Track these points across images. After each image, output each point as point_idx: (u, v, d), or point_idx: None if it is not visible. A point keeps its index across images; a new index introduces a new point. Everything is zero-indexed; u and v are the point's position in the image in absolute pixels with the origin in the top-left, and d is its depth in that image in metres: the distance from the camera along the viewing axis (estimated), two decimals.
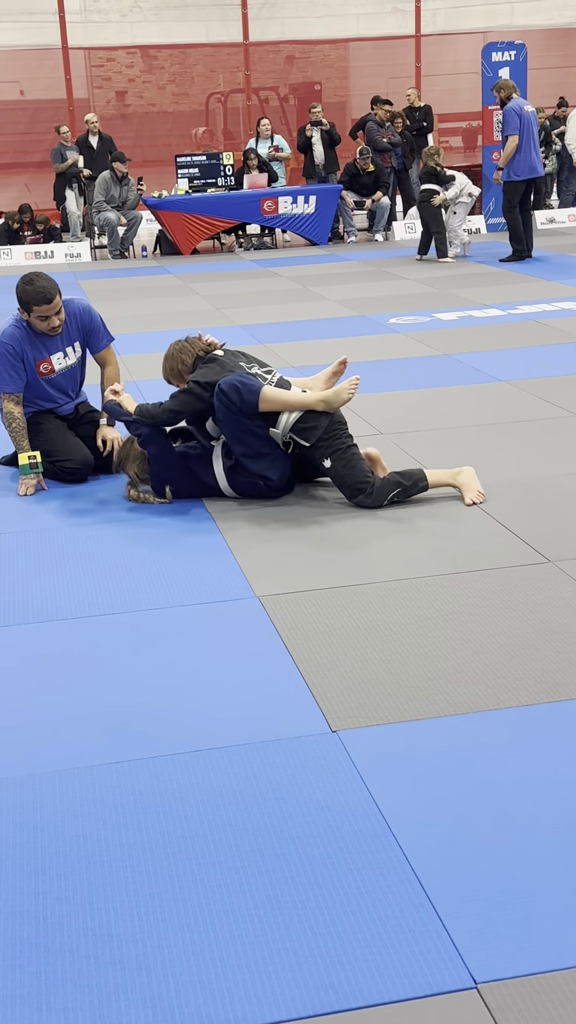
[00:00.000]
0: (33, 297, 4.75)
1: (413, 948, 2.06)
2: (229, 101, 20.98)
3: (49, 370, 4.97)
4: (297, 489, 4.65)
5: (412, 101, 15.28)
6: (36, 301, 4.75)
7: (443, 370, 6.79)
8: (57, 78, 18.05)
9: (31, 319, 4.83)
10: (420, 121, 15.21)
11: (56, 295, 4.79)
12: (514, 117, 11.04)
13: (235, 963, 2.04)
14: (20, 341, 4.86)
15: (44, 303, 4.76)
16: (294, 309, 9.38)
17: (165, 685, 3.09)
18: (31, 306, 4.77)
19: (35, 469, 4.82)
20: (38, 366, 4.93)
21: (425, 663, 3.14)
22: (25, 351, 4.88)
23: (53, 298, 4.77)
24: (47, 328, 4.85)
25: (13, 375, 4.86)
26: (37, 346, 4.92)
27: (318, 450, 4.35)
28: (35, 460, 4.81)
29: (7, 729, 2.89)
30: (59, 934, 2.13)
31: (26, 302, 4.77)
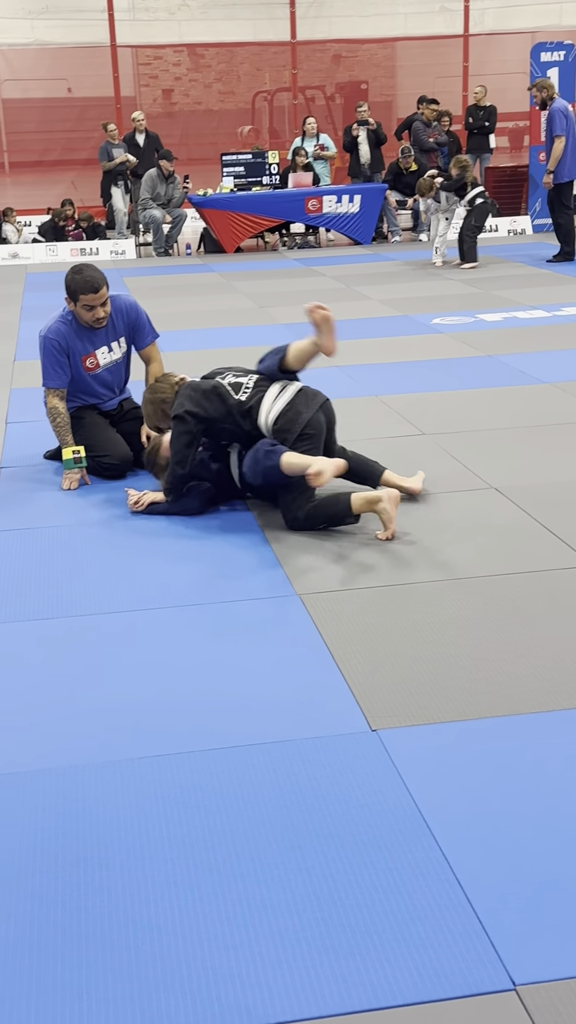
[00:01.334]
0: (81, 286, 4.80)
1: (452, 948, 2.06)
2: (275, 100, 21.00)
3: (95, 365, 5.00)
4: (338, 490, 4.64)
5: (479, 99, 15.17)
6: (83, 290, 4.79)
7: (487, 371, 6.76)
8: (104, 76, 18.15)
9: (77, 309, 4.87)
10: (483, 120, 15.13)
11: (103, 286, 4.83)
12: (560, 118, 10.95)
13: (274, 958, 2.05)
14: (66, 337, 4.90)
15: (91, 292, 4.80)
16: (337, 308, 9.32)
17: (205, 680, 3.11)
18: (78, 295, 4.81)
19: (79, 464, 4.86)
20: (84, 361, 4.97)
21: (467, 664, 3.13)
22: (71, 347, 4.92)
23: (100, 288, 4.81)
24: (92, 319, 4.88)
25: (58, 371, 4.90)
26: (83, 341, 4.95)
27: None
28: (79, 455, 4.85)
29: (50, 721, 2.92)
30: (100, 925, 2.15)
31: (73, 291, 4.82)
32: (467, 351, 7.37)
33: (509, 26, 18.80)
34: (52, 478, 5.01)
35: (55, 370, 4.90)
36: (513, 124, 20.68)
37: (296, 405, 4.27)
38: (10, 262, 13.86)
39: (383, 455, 5.08)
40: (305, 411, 4.26)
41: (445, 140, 14.43)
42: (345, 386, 6.44)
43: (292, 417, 4.23)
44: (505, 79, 19.65)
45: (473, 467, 4.88)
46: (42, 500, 4.72)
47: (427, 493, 4.56)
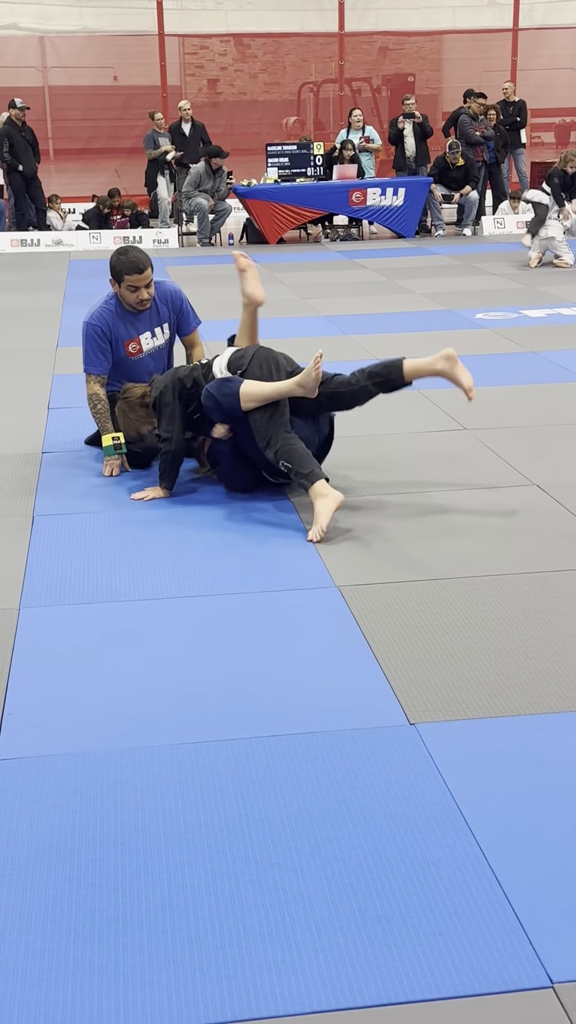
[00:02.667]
0: (126, 266, 4.82)
1: (489, 944, 2.05)
2: (321, 91, 20.94)
3: (137, 350, 5.02)
4: (379, 483, 4.63)
5: (508, 95, 15.10)
6: (128, 270, 4.81)
7: (530, 367, 6.72)
8: (151, 65, 18.17)
9: (121, 290, 4.88)
10: (514, 116, 15.03)
11: (148, 267, 4.85)
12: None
13: (310, 947, 2.05)
14: (109, 323, 4.92)
15: (136, 272, 4.81)
16: (379, 301, 9.34)
17: (244, 669, 3.11)
18: (123, 275, 4.83)
19: (119, 451, 4.88)
20: (126, 346, 4.98)
21: (506, 660, 3.12)
22: (115, 332, 4.94)
23: (145, 269, 4.83)
24: (135, 300, 4.89)
25: (100, 357, 4.92)
26: (127, 326, 4.97)
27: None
28: (119, 441, 4.87)
29: (90, 705, 2.93)
30: (137, 908, 2.16)
31: (118, 271, 4.84)
32: (510, 347, 7.32)
33: (559, 21, 18.63)
34: (93, 464, 5.04)
35: (96, 356, 4.92)
36: (560, 120, 20.51)
37: (246, 348, 4.42)
38: (54, 249, 13.93)
39: (424, 449, 5.08)
40: (255, 349, 4.40)
41: (492, 134, 14.33)
42: None
43: (242, 353, 4.39)
44: (553, 74, 19.51)
45: (515, 463, 4.85)
46: (83, 486, 4.74)
47: (469, 489, 4.54)
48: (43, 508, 4.46)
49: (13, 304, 9.84)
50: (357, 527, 4.15)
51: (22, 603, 3.58)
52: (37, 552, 3.99)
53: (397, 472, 4.73)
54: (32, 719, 2.87)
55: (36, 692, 3.01)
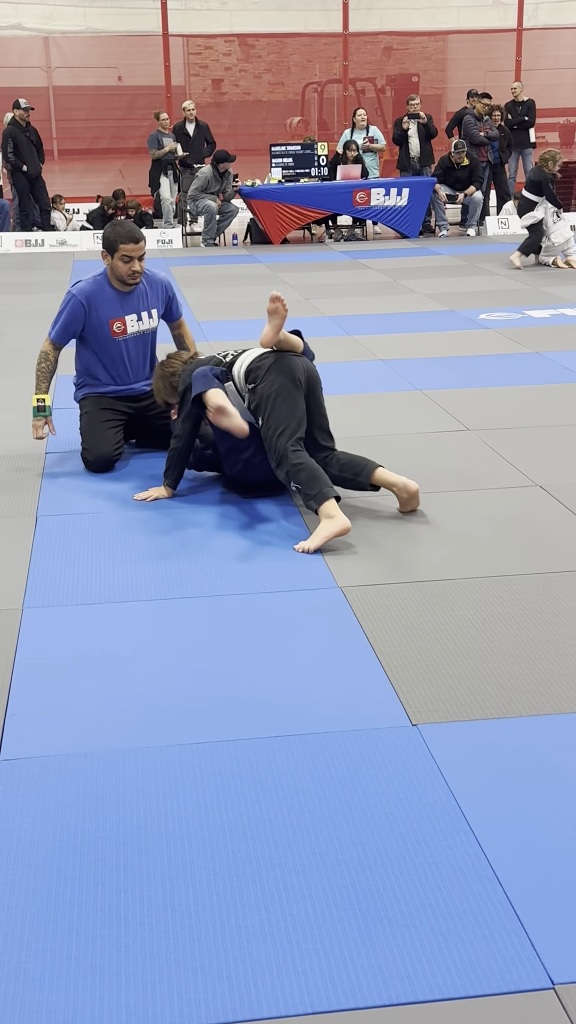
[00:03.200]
0: (121, 236, 4.82)
1: (490, 944, 2.06)
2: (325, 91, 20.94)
3: (122, 331, 4.99)
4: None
5: (516, 94, 15.08)
6: (123, 239, 4.81)
7: (533, 368, 6.72)
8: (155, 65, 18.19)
9: (114, 262, 4.87)
10: (522, 115, 15.02)
11: (143, 239, 4.89)
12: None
13: (311, 947, 2.06)
14: (90, 298, 4.90)
15: (131, 242, 4.82)
16: (383, 302, 9.35)
17: (246, 670, 3.12)
18: (118, 244, 4.82)
19: (43, 412, 4.88)
20: (111, 325, 4.96)
21: (508, 662, 3.12)
22: (97, 310, 4.91)
23: (140, 240, 4.86)
24: (128, 272, 4.88)
25: (67, 331, 4.94)
26: (113, 304, 4.95)
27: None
28: (42, 403, 4.88)
29: (92, 705, 2.94)
30: (139, 908, 2.17)
31: (113, 240, 4.83)
32: (514, 347, 7.32)
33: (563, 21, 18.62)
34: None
35: (65, 328, 4.93)
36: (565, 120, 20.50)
37: (265, 355, 4.33)
38: (58, 249, 13.94)
39: (426, 450, 5.08)
40: (272, 355, 4.30)
41: (496, 135, 14.33)
42: (389, 380, 6.43)
43: (263, 358, 4.31)
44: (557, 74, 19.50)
45: (518, 464, 4.85)
46: (86, 486, 4.75)
47: (472, 489, 4.54)
48: (46, 508, 4.46)
49: (17, 304, 9.85)
50: (359, 528, 4.15)
51: (25, 603, 3.58)
52: (40, 552, 4.00)
53: (400, 472, 4.72)
54: (35, 719, 2.88)
55: (39, 692, 3.01)
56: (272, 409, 4.19)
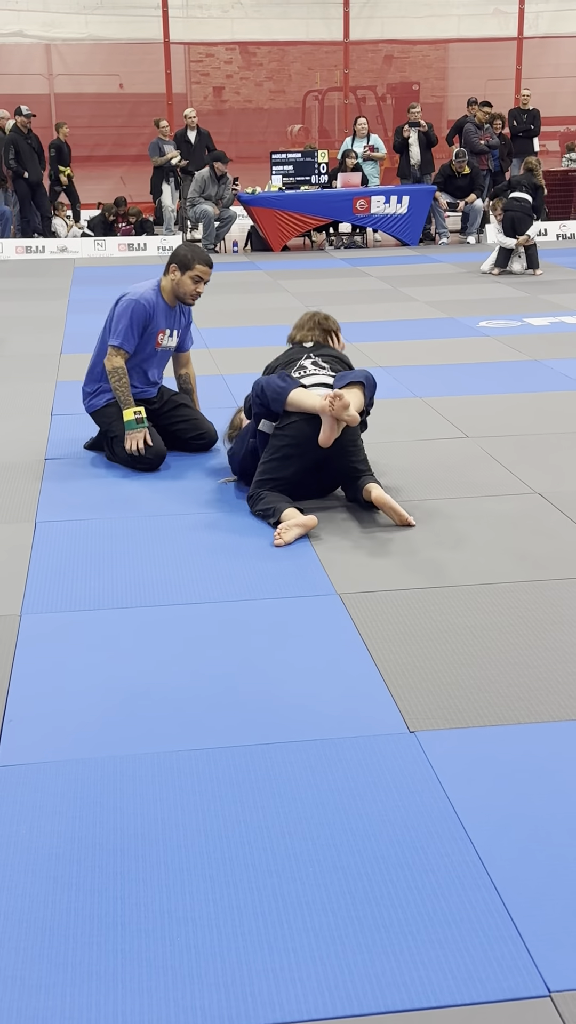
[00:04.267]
0: (200, 256, 5.00)
1: (487, 952, 2.06)
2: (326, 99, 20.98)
3: (161, 343, 5.15)
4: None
5: (525, 103, 15.10)
6: (201, 261, 5.00)
7: (533, 376, 6.73)
8: (156, 72, 18.22)
9: (182, 278, 4.99)
10: (527, 124, 15.05)
11: (214, 263, 5.08)
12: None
13: (308, 955, 2.06)
14: (154, 307, 5.02)
15: (207, 265, 5.02)
16: (383, 309, 9.36)
17: (244, 676, 3.12)
18: (194, 263, 4.97)
19: (141, 424, 4.97)
20: (158, 336, 5.10)
21: (506, 669, 3.12)
22: (155, 319, 5.04)
23: (212, 265, 5.06)
24: (192, 291, 5.04)
25: (133, 336, 5.00)
26: (162, 316, 5.08)
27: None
28: (140, 415, 4.97)
29: (90, 711, 2.94)
30: (136, 914, 2.17)
31: (191, 259, 4.97)
32: (513, 355, 7.33)
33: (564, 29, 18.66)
34: (96, 470, 5.05)
35: (131, 333, 4.99)
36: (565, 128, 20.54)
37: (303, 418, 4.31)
38: (59, 256, 13.96)
39: (426, 456, 5.08)
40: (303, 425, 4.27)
41: (497, 143, 14.35)
42: (389, 387, 6.43)
43: (291, 423, 4.32)
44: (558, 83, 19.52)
45: (517, 472, 4.85)
46: (86, 492, 4.75)
47: (471, 497, 4.55)
48: (45, 514, 4.46)
49: (18, 311, 9.86)
50: (358, 534, 4.16)
51: (24, 609, 3.58)
52: (39, 558, 4.00)
53: (399, 479, 4.73)
54: (32, 725, 2.88)
55: (37, 698, 3.01)
56: (270, 460, 4.34)
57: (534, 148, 15.27)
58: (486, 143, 14.20)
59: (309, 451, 4.28)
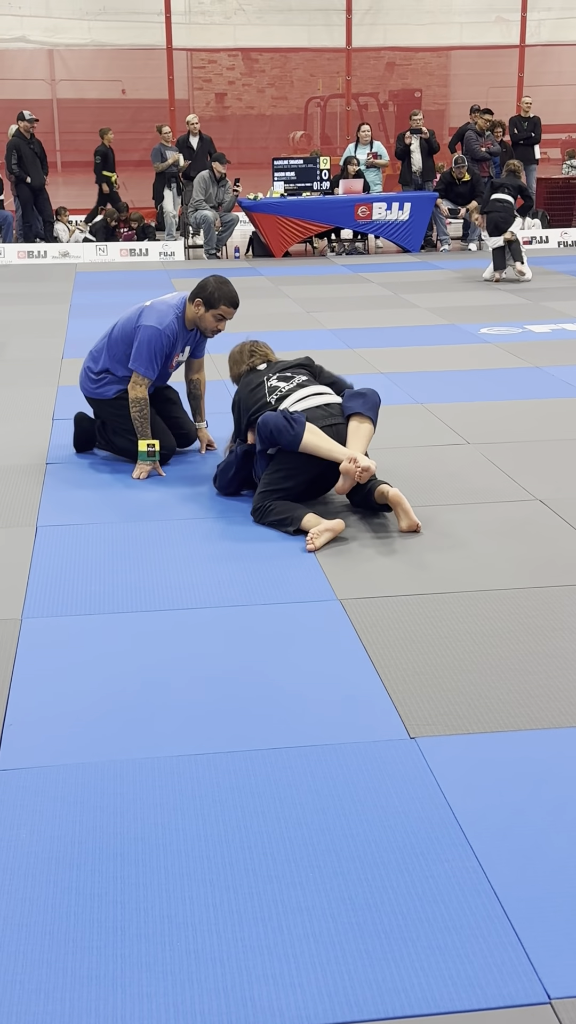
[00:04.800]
0: (227, 297, 4.92)
1: (487, 959, 2.05)
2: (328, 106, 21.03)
3: (175, 364, 5.20)
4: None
5: (526, 110, 15.14)
6: (228, 302, 4.93)
7: (534, 383, 6.73)
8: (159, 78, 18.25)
9: (204, 315, 4.95)
10: (528, 131, 15.08)
11: (240, 302, 5.03)
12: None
13: (308, 960, 2.06)
14: (176, 334, 5.02)
15: (233, 307, 4.97)
16: (384, 315, 9.37)
17: (244, 681, 3.12)
18: (220, 304, 4.91)
19: (152, 457, 5.02)
20: (175, 359, 5.14)
21: (508, 675, 3.12)
22: (176, 345, 5.06)
23: (238, 306, 5.00)
24: (213, 327, 5.02)
25: (157, 364, 5.01)
26: (179, 340, 5.10)
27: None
28: (153, 448, 5.02)
29: (90, 716, 2.94)
30: (136, 919, 2.17)
31: (217, 298, 4.90)
32: (514, 362, 7.34)
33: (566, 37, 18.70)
34: (97, 475, 5.05)
35: (155, 362, 4.98)
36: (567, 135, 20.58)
37: (313, 414, 4.38)
38: (61, 261, 13.98)
39: (427, 464, 5.09)
40: (314, 422, 4.33)
41: (498, 150, 14.38)
42: (390, 394, 6.44)
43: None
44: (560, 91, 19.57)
45: (518, 478, 4.86)
46: (86, 497, 4.75)
47: (472, 503, 4.55)
48: (46, 519, 4.47)
49: (19, 315, 9.87)
50: (359, 540, 4.16)
51: (24, 613, 3.58)
52: (40, 563, 4.00)
53: (400, 485, 4.72)
54: (33, 729, 2.87)
55: (37, 702, 3.01)
56: (274, 473, 4.36)
57: (535, 156, 15.30)
58: (487, 150, 14.22)
59: (315, 466, 4.32)
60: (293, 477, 4.36)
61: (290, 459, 4.33)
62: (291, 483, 4.37)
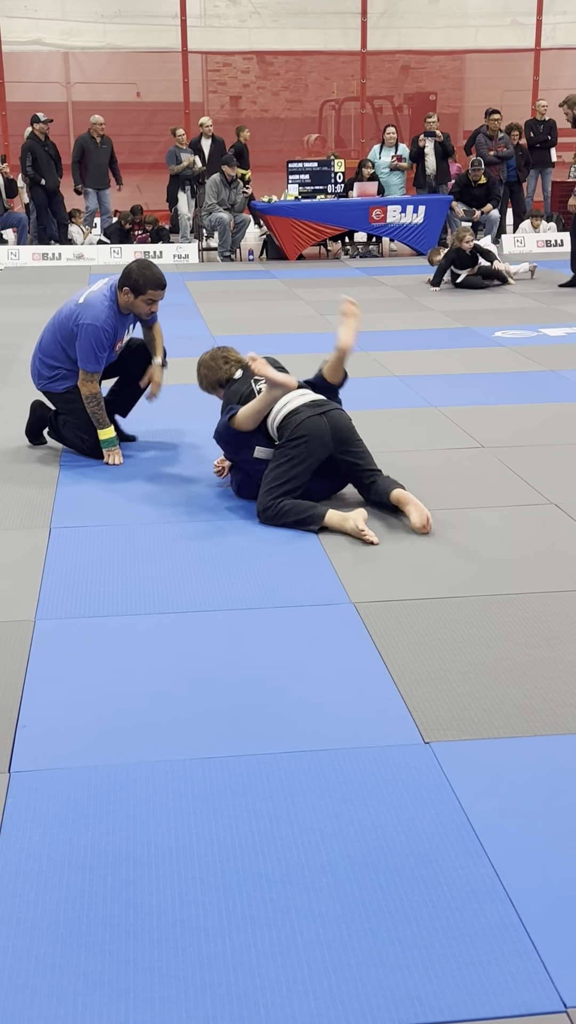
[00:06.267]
0: (151, 281, 5.05)
1: (502, 967, 2.03)
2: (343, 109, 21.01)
3: (118, 348, 5.33)
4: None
5: (541, 113, 15.10)
6: (153, 285, 5.06)
7: (549, 386, 6.70)
8: (174, 81, 18.28)
9: (135, 302, 5.08)
10: (544, 134, 15.05)
11: (166, 282, 5.16)
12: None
13: (321, 967, 2.04)
14: (114, 326, 5.14)
15: (160, 288, 5.09)
16: (398, 318, 9.35)
17: (258, 685, 3.10)
18: (146, 289, 5.04)
19: (116, 443, 5.25)
20: (116, 345, 5.27)
21: (522, 680, 3.10)
22: (116, 333, 5.19)
23: (166, 286, 5.13)
24: (146, 311, 5.16)
25: (103, 357, 5.14)
26: (119, 327, 5.22)
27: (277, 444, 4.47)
28: (115, 435, 5.25)
29: (103, 718, 2.93)
30: (148, 924, 2.15)
31: (142, 285, 5.03)
32: (529, 365, 7.31)
33: None
34: (110, 476, 5.05)
35: (101, 356, 5.13)
36: None
37: (300, 409, 4.43)
38: (75, 263, 14.00)
39: (441, 466, 5.07)
40: (305, 412, 4.40)
41: (510, 153, 14.33)
42: (405, 396, 6.42)
43: (291, 417, 4.40)
44: None
45: (533, 482, 4.83)
46: (100, 499, 4.75)
47: (487, 507, 4.53)
48: (60, 520, 4.46)
49: (34, 317, 9.86)
50: (372, 544, 4.14)
51: (38, 615, 3.58)
52: (53, 564, 4.00)
53: (414, 489, 4.71)
54: (46, 732, 2.87)
55: (50, 704, 3.00)
56: (277, 466, 4.38)
57: (551, 159, 15.26)
58: (496, 154, 14.17)
59: (317, 448, 4.34)
60: (298, 465, 4.35)
61: (289, 449, 4.35)
62: (297, 470, 4.34)
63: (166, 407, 6.23)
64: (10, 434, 5.72)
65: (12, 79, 18.59)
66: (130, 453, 5.40)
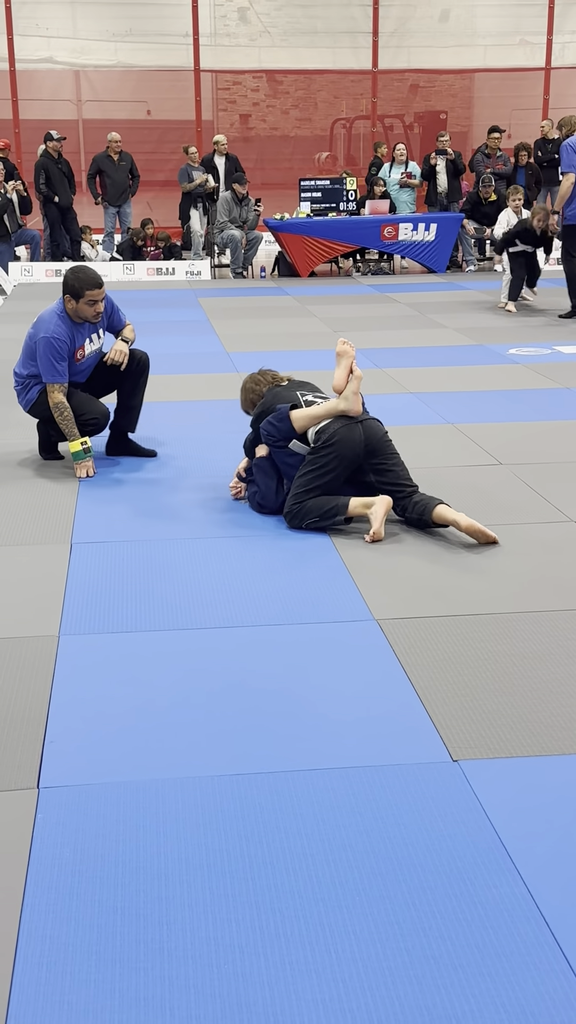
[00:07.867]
0: (85, 283, 5.15)
1: (539, 987, 2.02)
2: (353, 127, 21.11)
3: (81, 356, 5.36)
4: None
5: (546, 133, 15.16)
6: (88, 286, 5.16)
7: (565, 403, 6.71)
8: (184, 99, 18.38)
9: (79, 305, 5.18)
10: (552, 153, 15.08)
11: (103, 282, 5.25)
12: (571, 153, 9.62)
13: (357, 985, 2.03)
14: (68, 335, 5.23)
15: (96, 287, 5.17)
16: (411, 335, 9.37)
17: (284, 702, 3.10)
18: (84, 291, 5.15)
19: (88, 454, 5.26)
20: (77, 353, 5.32)
21: (548, 698, 3.09)
22: (73, 341, 5.26)
23: (102, 283, 5.22)
24: (93, 313, 5.24)
25: (63, 366, 5.23)
26: (76, 336, 5.29)
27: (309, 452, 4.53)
28: (87, 445, 5.28)
29: (131, 735, 2.93)
30: (182, 941, 2.15)
31: (78, 288, 5.15)
32: (544, 382, 7.32)
33: None
34: (129, 491, 5.05)
35: (60, 366, 5.23)
36: None
37: (335, 419, 4.50)
38: None
39: (459, 484, 5.07)
40: (342, 419, 4.48)
41: (508, 171, 14.31)
42: (421, 413, 6.43)
43: (329, 424, 4.48)
44: None
45: (552, 499, 4.83)
46: (120, 514, 4.75)
47: (506, 524, 4.52)
48: (81, 536, 4.47)
49: None
50: (395, 560, 4.14)
51: (62, 631, 3.58)
52: (76, 580, 4.00)
53: None
54: (73, 747, 2.86)
55: (77, 720, 3.00)
56: (305, 473, 4.46)
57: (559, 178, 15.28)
58: (494, 171, 14.17)
59: (348, 453, 4.41)
60: (327, 473, 4.43)
61: (319, 457, 4.42)
62: (326, 479, 4.43)
63: (185, 423, 6.25)
64: (29, 447, 5.74)
65: (24, 97, 18.72)
66: (149, 469, 5.41)
